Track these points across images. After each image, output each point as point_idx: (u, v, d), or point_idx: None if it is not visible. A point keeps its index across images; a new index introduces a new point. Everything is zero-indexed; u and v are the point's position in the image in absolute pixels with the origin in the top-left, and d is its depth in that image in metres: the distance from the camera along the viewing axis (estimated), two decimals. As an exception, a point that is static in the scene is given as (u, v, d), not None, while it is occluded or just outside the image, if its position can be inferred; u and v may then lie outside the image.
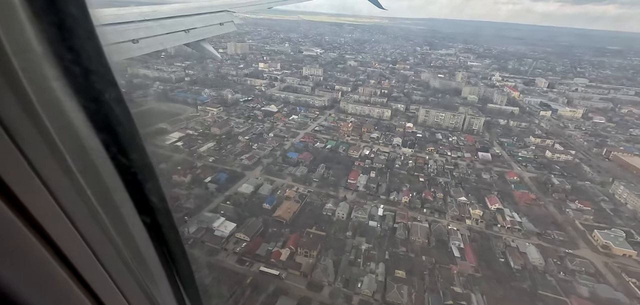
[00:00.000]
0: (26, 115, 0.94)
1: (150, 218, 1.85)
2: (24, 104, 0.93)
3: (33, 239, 1.00)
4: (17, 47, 0.90)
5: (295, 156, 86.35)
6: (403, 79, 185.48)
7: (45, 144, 1.03)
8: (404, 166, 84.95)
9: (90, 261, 1.30)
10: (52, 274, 1.10)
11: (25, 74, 0.92)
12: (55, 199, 1.08)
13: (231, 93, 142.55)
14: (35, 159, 0.98)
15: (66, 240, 1.14)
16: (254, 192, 70.28)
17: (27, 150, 0.94)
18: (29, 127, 0.96)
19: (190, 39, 11.08)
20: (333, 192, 71.86)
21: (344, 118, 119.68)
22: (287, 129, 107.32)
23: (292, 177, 77.43)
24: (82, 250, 1.24)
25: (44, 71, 1.06)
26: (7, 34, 0.86)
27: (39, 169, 1.00)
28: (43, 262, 1.06)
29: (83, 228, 1.23)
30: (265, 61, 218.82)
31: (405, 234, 58.40)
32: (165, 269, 2.20)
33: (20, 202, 0.94)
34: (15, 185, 0.91)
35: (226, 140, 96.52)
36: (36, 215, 1.00)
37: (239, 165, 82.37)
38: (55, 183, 1.07)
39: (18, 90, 0.90)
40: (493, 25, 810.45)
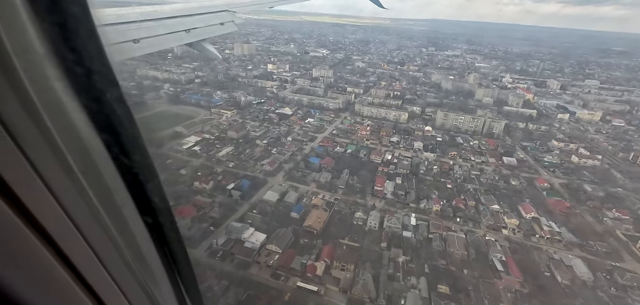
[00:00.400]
0: (28, 116, 0.94)
1: (151, 218, 1.83)
2: (26, 104, 0.93)
3: (35, 240, 1.01)
4: (19, 47, 0.90)
5: (317, 161, 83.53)
6: (413, 81, 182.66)
7: (46, 144, 1.03)
8: (428, 172, 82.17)
9: (91, 262, 1.30)
10: (53, 275, 1.11)
11: (27, 74, 0.92)
12: (57, 200, 1.08)
13: (243, 95, 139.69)
14: (36, 160, 0.98)
15: (68, 241, 1.14)
16: (279, 199, 67.47)
17: (29, 151, 0.95)
18: (30, 127, 0.96)
19: (191, 39, 10.83)
20: (361, 200, 69.07)
21: (361, 121, 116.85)
22: (304, 132, 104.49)
23: (316, 184, 74.63)
24: (84, 251, 1.25)
25: (45, 71, 1.05)
26: (9, 34, 0.86)
27: (41, 170, 1.00)
28: (45, 263, 1.06)
29: (85, 229, 1.23)
30: (274, 62, 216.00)
31: (442, 245, 55.63)
32: (166, 269, 2.16)
33: (21, 203, 0.94)
34: (16, 186, 0.91)
35: (244, 144, 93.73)
36: (38, 216, 1.00)
37: (261, 171, 79.57)
38: (56, 184, 1.07)
39: (19, 91, 0.90)
40: (494, 26, 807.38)
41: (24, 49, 0.94)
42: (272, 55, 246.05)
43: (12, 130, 0.88)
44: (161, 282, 2.12)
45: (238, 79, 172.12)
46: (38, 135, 0.99)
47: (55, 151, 1.07)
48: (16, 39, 0.89)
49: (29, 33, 0.98)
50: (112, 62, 1.31)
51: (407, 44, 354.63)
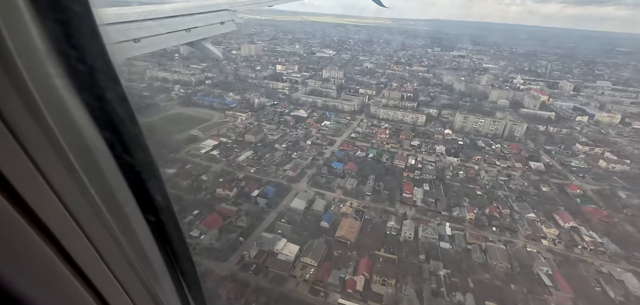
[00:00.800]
0: (30, 114, 0.94)
1: (153, 217, 1.83)
2: (28, 103, 0.93)
3: (37, 238, 1.01)
4: (21, 46, 0.90)
5: (340, 166, 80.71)
6: (424, 82, 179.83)
7: (48, 143, 1.03)
8: (455, 177, 79.38)
9: (94, 260, 1.30)
10: (56, 273, 1.11)
11: (29, 73, 0.92)
12: (59, 198, 1.08)
13: (256, 97, 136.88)
14: (38, 158, 0.97)
15: (70, 239, 1.14)
16: (307, 207, 64.68)
17: (31, 149, 0.94)
18: (32, 126, 0.95)
19: (192, 38, 10.72)
20: (390, 207, 66.28)
21: (378, 124, 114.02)
22: (322, 135, 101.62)
23: (342, 190, 71.83)
24: (86, 249, 1.25)
25: (47, 70, 1.05)
26: (11, 33, 0.86)
27: (43, 168, 1.00)
28: (47, 261, 1.06)
29: (87, 227, 1.23)
30: (282, 63, 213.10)
31: (482, 257, 52.89)
32: (168, 268, 2.17)
33: (23, 201, 0.94)
34: (18, 183, 0.91)
35: (263, 148, 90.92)
36: (40, 214, 1.00)
37: (283, 177, 76.75)
38: (59, 182, 1.07)
39: (21, 89, 0.90)
40: (496, 27, 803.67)
41: (26, 47, 0.93)
42: (279, 55, 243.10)
43: (14, 128, 0.88)
44: (163, 280, 2.09)
45: (248, 80, 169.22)
46: (40, 134, 0.99)
47: (57, 149, 1.06)
48: (18, 38, 0.89)
49: (31, 31, 0.98)
50: (113, 60, 1.30)
51: (412, 44, 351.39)
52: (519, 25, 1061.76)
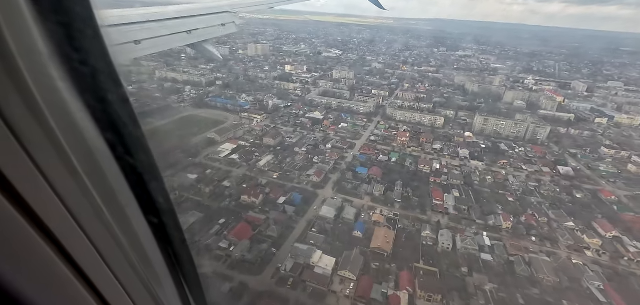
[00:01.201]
0: (32, 116, 0.94)
1: (155, 218, 1.84)
2: (30, 104, 0.93)
3: (38, 239, 1.00)
4: (23, 47, 0.90)
5: (364, 172, 77.92)
6: (435, 83, 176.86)
7: (50, 144, 1.03)
8: (483, 183, 76.62)
9: (95, 261, 1.30)
10: (57, 274, 1.10)
11: (31, 74, 0.92)
12: (61, 199, 1.08)
13: (269, 98, 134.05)
14: (40, 160, 0.97)
15: (71, 240, 1.14)
16: (337, 216, 61.91)
17: (33, 151, 0.94)
18: (34, 128, 0.95)
19: (193, 40, 10.61)
20: (423, 215, 63.51)
21: (396, 126, 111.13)
22: (341, 138, 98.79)
23: (370, 197, 69.03)
24: (87, 250, 1.24)
25: (49, 72, 1.05)
26: (13, 34, 0.86)
27: (44, 170, 0.99)
28: (48, 262, 1.06)
29: (88, 228, 1.23)
30: (290, 63, 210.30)
31: (527, 270, 50.12)
32: (170, 269, 2.17)
33: (25, 202, 0.93)
34: (20, 185, 0.91)
35: (282, 152, 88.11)
36: (42, 216, 1.00)
37: (308, 183, 73.97)
38: (60, 183, 1.07)
39: (23, 91, 0.90)
40: (499, 26, 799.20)
41: (28, 49, 0.93)
42: (286, 55, 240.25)
43: (16, 129, 0.88)
44: (165, 281, 2.08)
45: (258, 81, 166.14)
46: (42, 135, 0.99)
47: (59, 151, 1.06)
48: (21, 39, 0.89)
49: (34, 33, 0.98)
50: (115, 62, 1.30)
51: (417, 44, 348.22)
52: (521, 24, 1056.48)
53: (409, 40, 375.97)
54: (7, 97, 0.85)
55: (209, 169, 77.86)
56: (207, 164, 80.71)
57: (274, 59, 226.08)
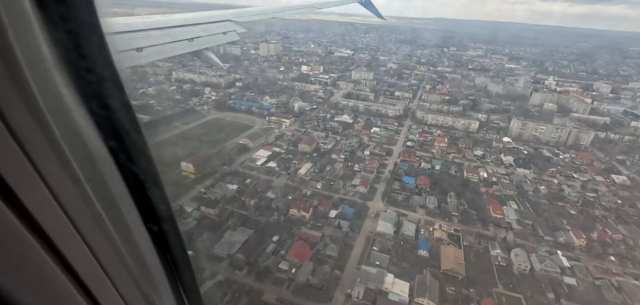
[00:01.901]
0: (35, 122, 0.93)
1: (155, 226, 1.82)
2: (33, 110, 0.92)
3: (38, 246, 0.99)
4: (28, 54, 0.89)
5: (412, 181, 73.05)
6: (456, 84, 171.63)
7: (53, 151, 1.02)
8: (537, 193, 71.83)
9: (94, 269, 1.29)
10: (55, 282, 1.09)
11: (35, 80, 0.91)
12: (61, 207, 1.07)
13: (292, 100, 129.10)
14: (42, 166, 0.97)
15: (70, 247, 1.13)
16: (396, 232, 57.11)
17: (35, 157, 0.93)
18: (37, 133, 0.94)
19: (194, 48, 10.56)
20: (485, 231, 58.78)
21: (429, 130, 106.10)
22: (377, 144, 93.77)
23: (424, 210, 64.18)
24: (86, 258, 1.24)
25: (54, 78, 1.04)
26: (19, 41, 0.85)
27: (46, 176, 0.99)
28: (47, 270, 1.05)
29: (88, 236, 1.22)
30: (305, 63, 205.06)
31: (620, 296, 45.38)
32: (169, 278, 2.16)
33: (26, 209, 0.93)
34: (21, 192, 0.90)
35: (320, 159, 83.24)
36: (41, 223, 0.99)
37: (354, 193, 69.14)
38: (61, 190, 1.06)
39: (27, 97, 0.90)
40: (501, 26, 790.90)
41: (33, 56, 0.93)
42: (298, 55, 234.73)
43: (18, 135, 0.87)
44: (163, 290, 2.08)
45: (278, 82, 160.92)
46: (44, 141, 0.98)
47: (60, 157, 1.05)
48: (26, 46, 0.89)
49: (39, 40, 0.97)
50: (120, 70, 1.30)
51: (425, 43, 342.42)
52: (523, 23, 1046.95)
53: (416, 40, 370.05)
54: (9, 102, 0.84)
55: (248, 178, 72.94)
56: (245, 172, 75.76)
57: (287, 59, 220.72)
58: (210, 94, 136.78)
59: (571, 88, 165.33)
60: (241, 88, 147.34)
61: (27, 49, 0.89)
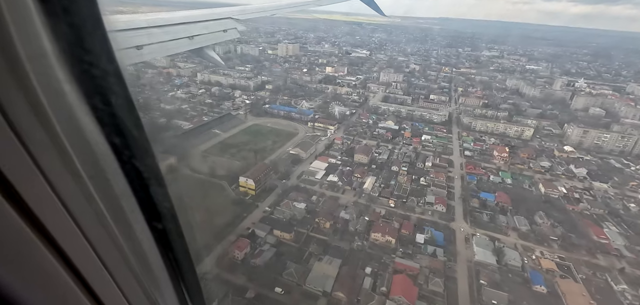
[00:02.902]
0: (36, 118, 0.91)
1: (157, 224, 1.80)
2: (35, 106, 0.90)
3: (39, 243, 0.98)
4: (30, 50, 0.88)
5: (491, 198, 65.85)
6: (487, 86, 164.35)
7: (55, 148, 1.00)
8: (628, 211, 64.92)
9: (95, 266, 1.27)
10: (56, 279, 1.08)
11: (38, 77, 0.89)
12: (63, 203, 1.05)
13: (328, 104, 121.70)
14: (44, 163, 0.95)
15: (72, 244, 1.11)
16: (499, 261, 50.01)
17: (36, 154, 0.91)
18: (38, 130, 0.93)
19: (194, 46, 10.39)
20: (595, 260, 51.73)
21: (481, 138, 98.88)
22: (434, 154, 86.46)
23: (517, 233, 57.13)
24: (88, 255, 1.22)
25: (55, 73, 1.02)
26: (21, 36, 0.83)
27: (48, 173, 0.97)
28: (48, 267, 1.03)
29: (90, 233, 1.20)
30: (327, 64, 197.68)
31: None
32: (171, 276, 2.13)
33: (27, 206, 0.91)
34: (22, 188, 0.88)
35: (380, 171, 76.01)
36: (43, 220, 0.97)
37: (433, 213, 62.01)
38: (63, 187, 1.04)
39: (29, 93, 0.88)
40: (506, 25, 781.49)
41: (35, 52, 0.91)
42: (316, 55, 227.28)
43: (20, 132, 0.85)
44: (165, 288, 2.05)
45: (307, 85, 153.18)
46: (45, 138, 0.96)
47: (62, 154, 1.03)
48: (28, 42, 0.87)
49: (41, 36, 0.95)
50: (122, 67, 1.28)
51: (437, 43, 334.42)
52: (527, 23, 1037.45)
53: (426, 40, 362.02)
54: (10, 97, 0.82)
55: (312, 194, 65.64)
56: (307, 187, 68.42)
57: (306, 59, 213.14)
58: (242, 97, 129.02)
59: (605, 90, 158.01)
60: (272, 91, 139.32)
61: (29, 43, 0.87)
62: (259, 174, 67.91)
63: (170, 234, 1.87)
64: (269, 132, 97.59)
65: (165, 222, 1.77)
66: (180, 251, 2.05)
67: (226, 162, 77.07)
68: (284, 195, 64.95)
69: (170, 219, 1.82)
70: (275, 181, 69.65)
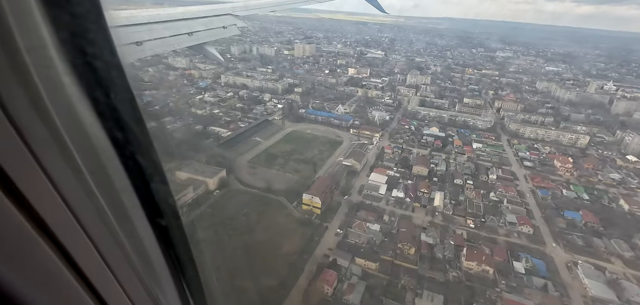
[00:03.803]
0: (36, 113, 0.89)
1: (159, 221, 1.78)
2: (35, 101, 0.88)
3: (39, 240, 0.95)
4: (30, 43, 0.85)
5: (578, 217, 59.36)
6: (516, 89, 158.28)
7: (55, 143, 0.98)
8: None
9: (96, 263, 1.25)
10: (57, 275, 1.05)
11: (36, 68, 0.87)
12: (64, 199, 1.03)
13: (367, 109, 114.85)
14: (44, 158, 0.92)
15: (73, 241, 1.09)
16: (619, 297, 43.42)
17: (36, 149, 0.89)
18: (39, 125, 0.90)
19: (194, 42, 10.28)
20: None
21: (534, 147, 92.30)
22: (493, 164, 79.78)
23: (621, 260, 50.63)
24: (89, 252, 1.20)
25: (55, 66, 0.99)
26: (21, 30, 0.81)
27: (48, 168, 0.95)
28: (48, 263, 1.01)
29: (91, 229, 1.18)
30: (347, 65, 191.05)
31: None
32: (172, 273, 2.10)
33: (27, 202, 0.89)
34: (22, 184, 0.86)
35: (444, 184, 69.45)
36: (43, 215, 0.95)
37: (519, 234, 55.66)
38: (64, 183, 1.02)
39: (29, 87, 0.85)
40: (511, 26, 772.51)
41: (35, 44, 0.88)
42: (332, 56, 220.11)
43: (20, 127, 0.83)
44: (166, 285, 2.03)
45: (335, 88, 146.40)
46: (46, 133, 0.93)
47: (63, 149, 1.01)
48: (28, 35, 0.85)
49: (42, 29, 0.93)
50: (123, 62, 1.25)
51: (449, 44, 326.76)
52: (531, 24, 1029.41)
53: (435, 40, 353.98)
54: (10, 93, 0.80)
55: (382, 213, 59.03)
56: (373, 205, 61.76)
57: (324, 60, 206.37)
58: (272, 101, 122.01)
59: (637, 93, 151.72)
60: (301, 94, 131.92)
61: (28, 35, 0.85)
62: (321, 189, 61.13)
63: (171, 232, 1.83)
64: (312, 140, 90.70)
65: (166, 219, 1.74)
66: (181, 248, 1.99)
67: (277, 175, 70.27)
68: (351, 214, 58.30)
69: (172, 217, 1.78)
70: (337, 197, 62.95)
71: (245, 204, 59.78)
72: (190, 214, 56.51)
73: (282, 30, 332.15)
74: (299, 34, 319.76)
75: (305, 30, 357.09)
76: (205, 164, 68.95)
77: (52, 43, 0.96)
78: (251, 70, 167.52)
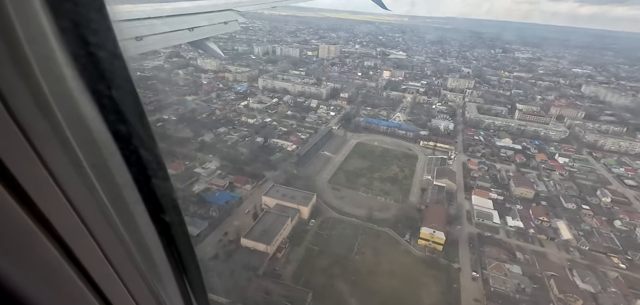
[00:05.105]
0: (38, 108, 0.86)
1: (160, 217, 1.76)
2: (36, 95, 0.85)
3: (41, 236, 0.94)
4: (31, 36, 0.83)
5: None
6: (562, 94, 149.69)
7: (56, 138, 0.95)
8: None
9: (98, 259, 1.23)
10: (59, 272, 1.04)
11: (37, 59, 0.84)
12: (65, 195, 1.01)
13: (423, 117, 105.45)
14: (45, 154, 0.90)
15: (75, 237, 1.07)
16: None
17: (38, 144, 0.87)
18: (40, 120, 0.88)
19: (194, 38, 9.76)
20: None
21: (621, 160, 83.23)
22: (592, 183, 71.09)
23: None
24: (91, 248, 1.18)
25: (58, 63, 0.96)
26: (22, 23, 0.78)
27: (49, 164, 0.92)
28: (50, 259, 0.99)
29: (92, 226, 1.16)
30: (378, 68, 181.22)
31: None
32: (173, 270, 2.07)
33: (29, 198, 0.87)
34: (24, 180, 0.84)
35: (554, 209, 60.40)
36: (45, 211, 0.93)
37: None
38: (65, 179, 1.00)
39: (30, 80, 0.83)
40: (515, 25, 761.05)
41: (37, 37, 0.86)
42: (355, 57, 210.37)
43: (21, 121, 0.81)
44: (168, 281, 2.00)
45: (378, 93, 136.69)
46: (47, 128, 0.91)
47: (64, 145, 0.98)
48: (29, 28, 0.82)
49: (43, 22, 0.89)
50: (126, 57, 1.21)
51: (464, 44, 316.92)
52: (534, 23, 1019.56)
53: (450, 41, 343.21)
54: (12, 87, 0.78)
55: (511, 249, 49.77)
56: (494, 237, 52.53)
57: (351, 62, 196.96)
58: (322, 108, 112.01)
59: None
60: (348, 100, 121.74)
61: (28, 25, 0.81)
62: (435, 220, 51.74)
63: (173, 228, 1.81)
64: (384, 154, 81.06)
65: (168, 216, 1.72)
66: (183, 244, 1.96)
67: (368, 199, 60.62)
68: (475, 250, 48.98)
69: (174, 213, 1.76)
70: (449, 227, 53.49)
71: (350, 238, 50.30)
72: (295, 252, 46.90)
73: (293, 29, 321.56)
74: (313, 34, 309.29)
75: (317, 30, 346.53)
76: (289, 187, 59.13)
77: (52, 34, 0.92)
78: (284, 72, 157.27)
